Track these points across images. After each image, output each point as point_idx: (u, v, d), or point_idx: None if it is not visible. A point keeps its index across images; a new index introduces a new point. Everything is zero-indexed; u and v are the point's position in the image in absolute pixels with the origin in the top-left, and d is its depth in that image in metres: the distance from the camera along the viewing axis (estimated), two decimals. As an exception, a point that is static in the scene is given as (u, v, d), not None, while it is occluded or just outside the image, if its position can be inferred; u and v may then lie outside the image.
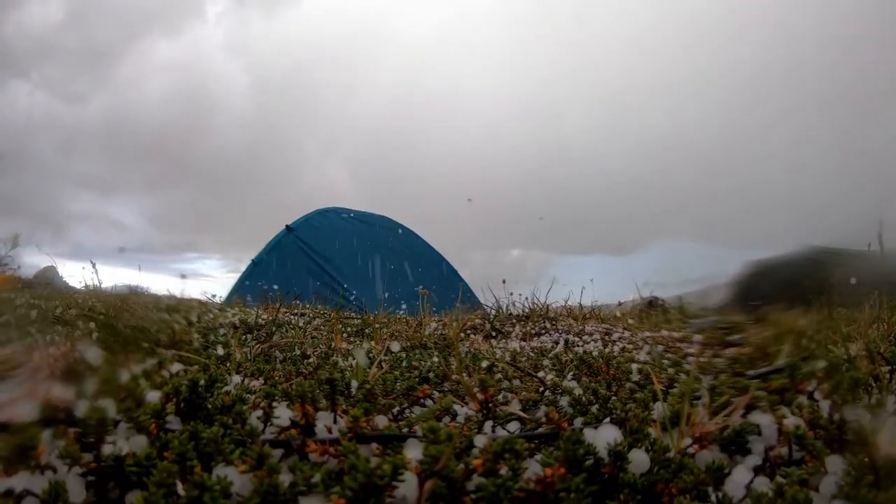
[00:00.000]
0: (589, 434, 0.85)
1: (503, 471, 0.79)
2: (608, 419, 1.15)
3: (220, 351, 2.07)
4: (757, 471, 0.89)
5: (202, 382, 0.93)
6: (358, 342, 2.49)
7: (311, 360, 2.10)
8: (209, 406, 0.96)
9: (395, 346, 2.13)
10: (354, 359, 1.99)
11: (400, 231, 8.51)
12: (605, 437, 0.85)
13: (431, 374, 1.76)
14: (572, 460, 0.82)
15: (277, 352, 2.20)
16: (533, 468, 0.83)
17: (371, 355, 1.96)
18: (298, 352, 2.22)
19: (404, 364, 1.97)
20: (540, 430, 1.09)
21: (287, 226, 7.75)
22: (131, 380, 1.16)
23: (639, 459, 0.83)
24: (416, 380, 1.63)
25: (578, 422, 1.21)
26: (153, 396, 0.99)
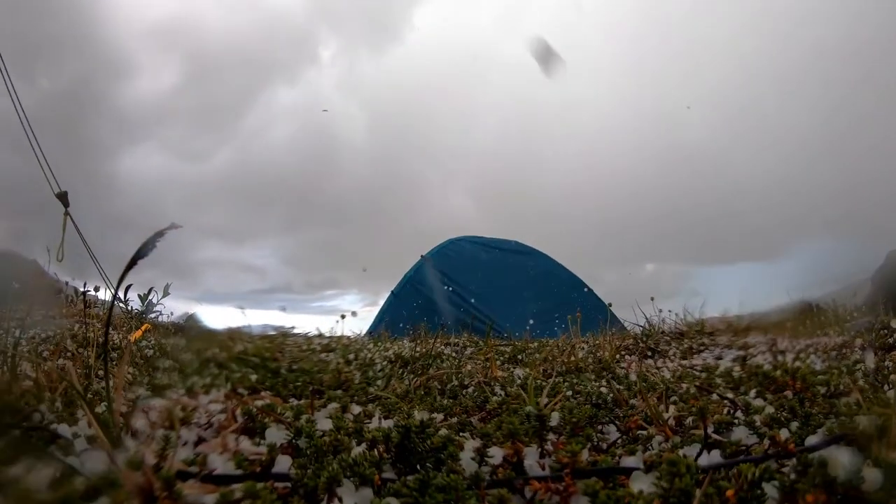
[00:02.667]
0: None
1: None
2: (834, 437, 1.05)
3: (381, 386, 2.15)
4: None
5: (414, 427, 0.96)
6: (512, 369, 2.48)
7: (469, 389, 2.12)
8: (419, 450, 0.99)
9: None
10: (513, 387, 1.98)
11: (533, 254, 8.38)
12: (832, 455, 0.82)
13: (601, 401, 1.70)
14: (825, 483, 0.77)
15: (436, 384, 2.24)
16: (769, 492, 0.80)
17: (531, 382, 1.93)
18: (456, 382, 2.25)
19: (567, 390, 1.92)
20: (740, 453, 1.01)
21: (422, 256, 7.93)
22: (331, 430, 1.23)
23: (872, 478, 0.78)
24: (590, 407, 1.59)
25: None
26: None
